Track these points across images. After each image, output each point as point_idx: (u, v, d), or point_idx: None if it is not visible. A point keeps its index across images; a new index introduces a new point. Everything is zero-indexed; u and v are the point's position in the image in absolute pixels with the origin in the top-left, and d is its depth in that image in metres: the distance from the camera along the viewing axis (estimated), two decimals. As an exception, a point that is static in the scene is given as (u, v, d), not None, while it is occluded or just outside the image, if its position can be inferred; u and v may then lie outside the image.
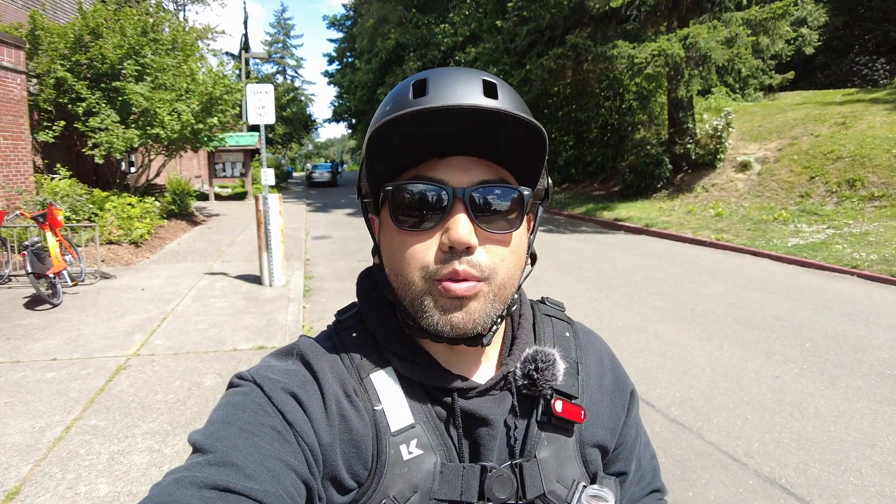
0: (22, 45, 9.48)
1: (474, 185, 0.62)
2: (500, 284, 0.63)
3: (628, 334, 5.50)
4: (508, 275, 0.64)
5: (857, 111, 14.30)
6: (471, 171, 0.63)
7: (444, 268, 0.61)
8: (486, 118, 0.57)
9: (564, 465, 0.69)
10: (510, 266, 0.64)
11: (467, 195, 0.61)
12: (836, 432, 3.55)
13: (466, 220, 0.60)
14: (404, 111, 0.57)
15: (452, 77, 0.63)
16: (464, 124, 0.58)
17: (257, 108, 7.47)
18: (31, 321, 5.78)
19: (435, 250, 0.62)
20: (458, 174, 0.62)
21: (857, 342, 5.21)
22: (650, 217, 13.50)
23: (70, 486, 2.91)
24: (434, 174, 0.62)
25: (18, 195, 9.02)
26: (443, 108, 0.56)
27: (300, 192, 31.64)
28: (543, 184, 0.71)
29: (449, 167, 0.63)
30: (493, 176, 0.63)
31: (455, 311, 0.61)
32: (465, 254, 0.61)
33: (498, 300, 0.64)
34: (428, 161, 0.63)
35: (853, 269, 8.28)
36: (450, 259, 0.61)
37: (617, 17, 15.24)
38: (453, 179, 0.62)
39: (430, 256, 0.62)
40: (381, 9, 33.35)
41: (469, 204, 0.61)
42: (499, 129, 0.59)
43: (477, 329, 0.63)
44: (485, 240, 0.62)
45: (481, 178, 0.63)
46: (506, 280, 0.64)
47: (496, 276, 0.63)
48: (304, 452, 0.59)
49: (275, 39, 62.47)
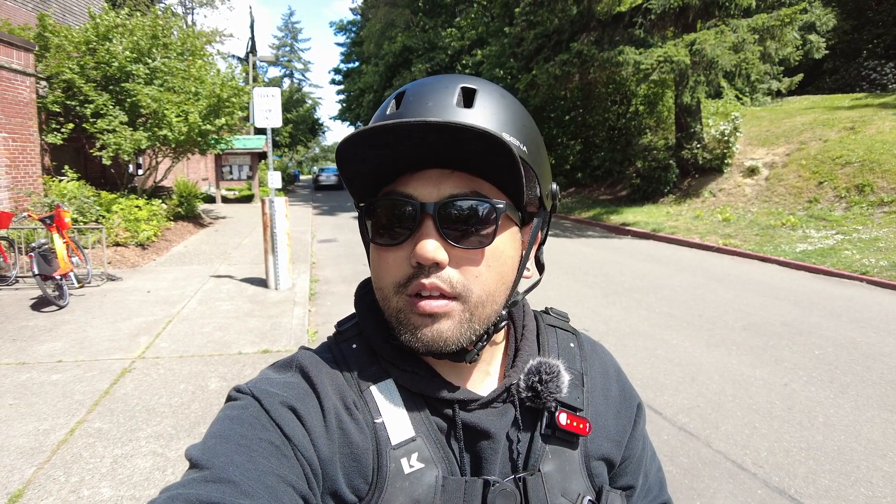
0: (31, 47, 9.56)
1: (443, 199, 0.60)
2: (476, 303, 0.61)
3: (635, 340, 5.46)
4: (486, 292, 0.62)
5: (866, 116, 14.22)
6: (442, 184, 0.61)
7: (412, 282, 0.60)
8: (446, 131, 0.55)
9: (569, 478, 0.67)
10: (487, 283, 0.62)
11: (436, 210, 0.59)
12: (846, 441, 3.51)
13: (434, 235, 0.59)
14: (361, 130, 0.56)
15: (429, 88, 0.62)
16: (426, 138, 0.57)
17: (264, 111, 7.50)
18: (38, 323, 5.80)
19: (406, 266, 0.61)
20: (429, 188, 0.61)
21: (868, 350, 5.16)
22: (657, 222, 13.45)
23: (73, 490, 2.91)
24: (405, 189, 0.61)
25: (27, 197, 9.07)
26: (395, 125, 0.55)
27: (307, 195, 31.75)
28: (536, 192, 0.67)
29: (420, 181, 0.61)
30: (465, 189, 0.61)
31: (425, 328, 0.60)
32: (434, 269, 0.59)
33: (475, 319, 0.62)
34: (403, 175, 0.62)
35: (862, 275, 8.21)
36: (419, 274, 0.60)
37: (623, 21, 15.23)
38: (423, 194, 0.61)
39: (402, 272, 0.61)
40: (388, 13, 33.49)
41: (437, 219, 0.59)
42: (462, 141, 0.57)
43: (449, 347, 0.61)
44: (457, 256, 0.60)
45: (451, 191, 0.60)
46: (483, 298, 0.62)
47: (471, 295, 0.61)
48: (303, 467, 0.57)
49: (282, 43, 62.90)
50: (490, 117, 0.60)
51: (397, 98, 0.63)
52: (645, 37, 14.71)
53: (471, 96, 0.61)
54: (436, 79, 0.63)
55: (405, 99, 0.61)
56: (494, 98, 0.63)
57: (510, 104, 0.64)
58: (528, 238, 0.69)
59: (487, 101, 0.62)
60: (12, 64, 8.93)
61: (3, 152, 8.71)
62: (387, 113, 0.62)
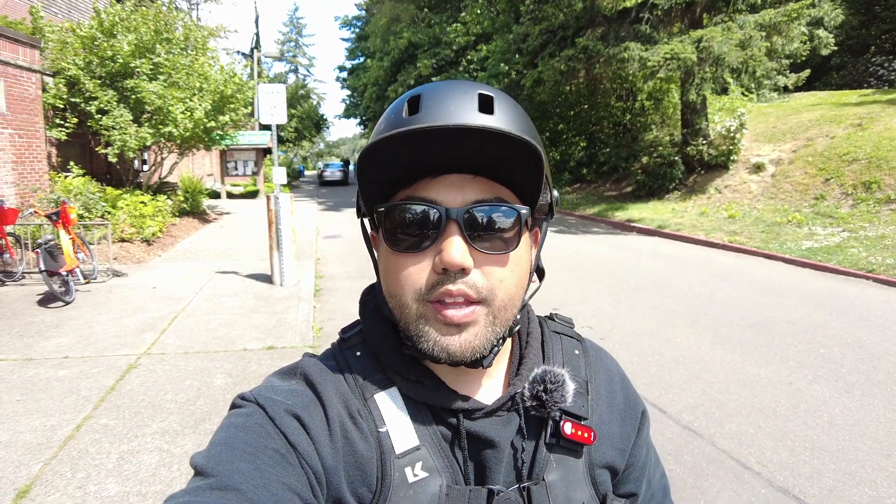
0: (37, 44, 9.59)
1: (469, 204, 0.60)
2: (499, 307, 0.61)
3: (640, 338, 5.45)
4: (509, 296, 0.62)
5: (874, 112, 14.10)
6: (465, 189, 0.61)
7: (437, 289, 0.60)
8: (475, 136, 0.56)
9: (573, 487, 0.67)
10: (510, 287, 0.62)
11: (461, 215, 0.59)
12: (850, 441, 3.49)
13: (460, 241, 0.59)
14: (392, 132, 0.56)
15: (446, 93, 0.61)
16: (454, 143, 0.57)
17: (269, 107, 7.51)
18: (44, 319, 5.84)
19: (429, 272, 0.60)
20: (452, 193, 0.61)
21: (873, 348, 5.13)
22: (663, 218, 13.41)
23: (80, 486, 2.93)
24: (427, 194, 0.61)
25: (32, 193, 9.12)
26: (430, 129, 0.55)
27: (312, 190, 31.77)
28: (547, 198, 0.68)
29: (443, 186, 0.61)
30: (489, 194, 0.61)
31: (451, 337, 0.60)
32: (460, 275, 0.59)
33: (498, 323, 0.62)
34: (423, 180, 0.62)
35: (869, 273, 8.17)
36: (444, 281, 0.59)
37: (629, 17, 15.14)
38: (447, 199, 0.60)
39: (424, 279, 0.60)
40: (393, 8, 33.43)
41: (463, 224, 0.59)
42: (490, 146, 0.57)
43: (475, 355, 0.61)
44: (481, 261, 0.60)
45: (476, 197, 0.61)
46: (506, 302, 0.62)
47: (495, 299, 0.61)
48: (308, 475, 0.58)
49: (287, 38, 62.80)
50: (511, 123, 0.60)
51: (411, 102, 0.61)
52: (651, 33, 14.62)
53: (490, 103, 0.61)
54: (451, 84, 0.63)
55: (423, 103, 0.60)
56: (511, 105, 0.63)
57: (523, 112, 0.65)
58: (537, 242, 0.71)
59: (505, 107, 0.62)
60: (18, 60, 8.96)
61: (10, 148, 8.75)
62: (403, 117, 0.61)
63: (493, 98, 0.61)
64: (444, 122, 0.57)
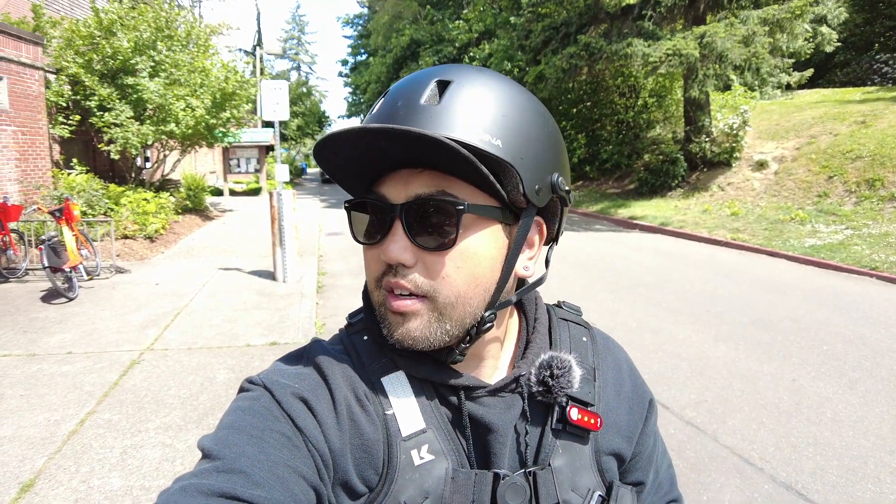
0: (40, 41, 9.59)
1: (409, 199, 0.60)
2: (444, 303, 0.60)
3: (642, 335, 5.45)
4: (454, 293, 0.60)
5: (878, 110, 14.05)
6: (410, 184, 0.60)
7: (385, 279, 0.62)
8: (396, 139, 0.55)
9: (579, 473, 0.67)
10: (456, 284, 0.60)
11: (402, 210, 0.60)
12: (854, 437, 3.49)
13: (401, 236, 0.60)
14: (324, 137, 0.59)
15: (404, 87, 0.62)
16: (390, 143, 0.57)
17: (272, 104, 7.51)
18: (48, 315, 5.85)
19: (381, 263, 0.62)
20: (399, 188, 0.61)
21: (876, 345, 5.12)
22: (665, 216, 13.38)
23: (84, 480, 2.94)
24: (381, 189, 0.63)
25: (36, 190, 9.13)
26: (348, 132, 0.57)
27: (314, 188, 31.79)
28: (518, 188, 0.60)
29: (392, 181, 0.62)
30: (432, 188, 0.59)
31: (397, 325, 0.62)
32: (402, 269, 0.60)
33: (446, 319, 0.61)
34: (385, 176, 0.63)
35: (872, 270, 8.15)
36: (388, 273, 0.62)
37: (632, 14, 15.10)
38: (393, 194, 0.61)
39: (378, 268, 0.63)
40: (395, 5, 33.43)
41: (404, 219, 0.60)
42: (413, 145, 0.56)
43: (419, 345, 0.61)
44: (422, 256, 0.60)
45: (417, 191, 0.60)
46: (452, 299, 0.60)
47: (438, 295, 0.60)
48: (314, 458, 0.58)
49: (290, 36, 62.80)
50: (458, 112, 0.58)
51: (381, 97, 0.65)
52: (654, 29, 14.58)
53: (444, 90, 0.60)
54: (418, 74, 0.63)
55: (383, 100, 0.63)
56: (469, 89, 0.60)
57: (488, 94, 0.60)
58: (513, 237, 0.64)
59: (459, 94, 0.59)
60: (21, 57, 8.97)
61: (13, 146, 8.76)
62: (372, 112, 0.64)
63: (448, 84, 0.60)
64: (388, 121, 0.59)
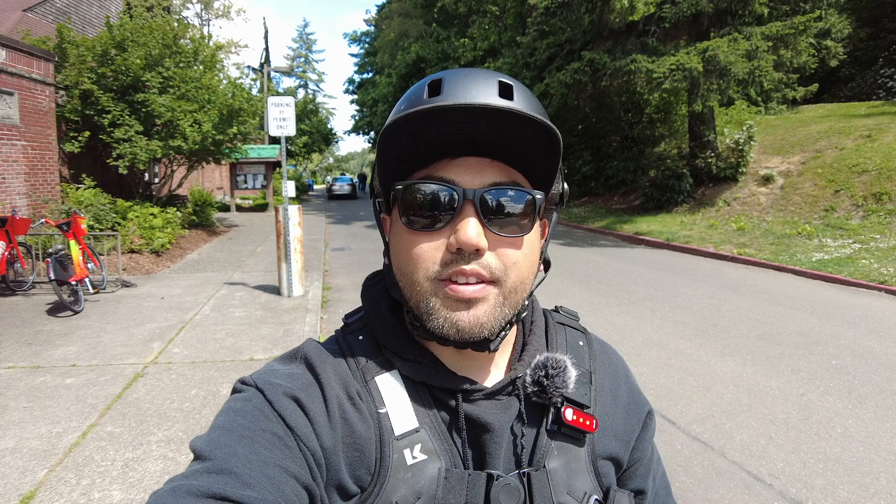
0: (51, 57, 9.75)
1: (486, 186, 0.61)
2: (510, 288, 0.62)
3: (649, 350, 5.40)
4: (520, 279, 0.63)
5: (883, 124, 14.03)
6: (483, 172, 0.61)
7: (450, 268, 0.60)
8: (498, 118, 0.56)
9: (575, 476, 0.66)
10: (522, 270, 0.63)
11: (478, 196, 0.60)
12: (864, 453, 3.43)
13: (476, 222, 0.59)
14: (416, 109, 0.56)
15: (468, 77, 0.62)
16: (476, 124, 0.57)
17: (278, 120, 7.56)
18: (53, 327, 5.87)
19: (443, 251, 0.60)
20: (470, 175, 0.61)
21: (886, 360, 5.06)
22: (671, 231, 13.34)
23: (84, 493, 2.92)
24: (445, 174, 0.61)
25: (44, 204, 9.21)
26: (454, 107, 0.55)
27: (320, 204, 31.90)
28: (559, 188, 0.70)
29: (461, 168, 0.61)
30: (506, 178, 0.62)
31: (461, 312, 0.60)
32: (474, 256, 0.59)
33: (508, 304, 0.62)
34: (440, 161, 0.62)
35: (881, 284, 8.07)
36: (457, 260, 0.60)
37: (636, 31, 15.20)
38: (464, 180, 0.61)
39: (438, 257, 0.61)
40: (401, 23, 33.81)
41: (479, 206, 0.60)
42: (511, 129, 0.57)
43: (483, 333, 0.61)
44: (495, 243, 0.61)
45: (493, 179, 0.61)
46: (517, 284, 0.62)
47: (507, 280, 0.61)
48: (306, 457, 0.57)
49: (297, 54, 63.53)
50: (531, 110, 0.60)
51: (431, 85, 0.62)
52: (657, 46, 14.67)
53: (509, 90, 0.61)
54: (473, 70, 0.64)
55: (445, 86, 0.61)
56: (527, 94, 0.64)
57: (540, 103, 0.66)
58: (545, 231, 0.71)
59: (523, 95, 0.63)
60: (32, 73, 9.10)
61: (23, 160, 8.86)
62: (423, 98, 0.61)
63: (512, 86, 0.62)
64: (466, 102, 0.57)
